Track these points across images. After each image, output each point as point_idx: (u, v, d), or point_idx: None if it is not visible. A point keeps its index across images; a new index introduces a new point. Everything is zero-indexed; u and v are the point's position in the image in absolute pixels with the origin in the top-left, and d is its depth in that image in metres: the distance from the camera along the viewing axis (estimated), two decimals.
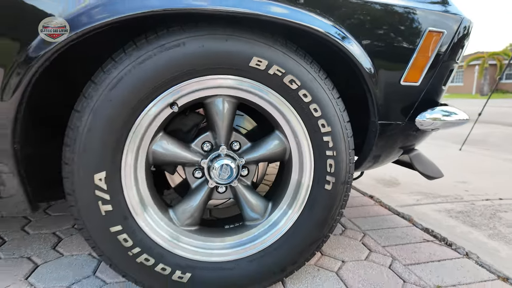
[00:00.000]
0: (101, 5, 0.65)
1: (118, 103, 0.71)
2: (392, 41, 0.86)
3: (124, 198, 0.77)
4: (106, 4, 0.65)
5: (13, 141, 0.70)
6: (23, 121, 0.71)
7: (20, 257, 1.06)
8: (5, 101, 0.66)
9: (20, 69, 0.65)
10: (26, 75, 0.65)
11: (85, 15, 0.65)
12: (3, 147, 0.70)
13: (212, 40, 0.74)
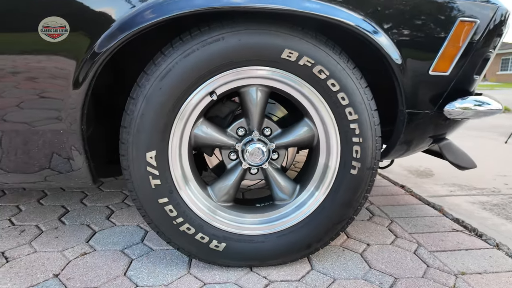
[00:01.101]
0: (157, 4, 0.76)
1: (167, 91, 0.82)
2: (421, 32, 0.88)
3: (170, 174, 0.88)
4: (162, 4, 0.75)
5: (81, 123, 0.84)
6: (88, 105, 0.84)
7: (81, 224, 1.24)
8: (78, 88, 0.79)
9: (90, 61, 0.77)
10: (93, 66, 0.78)
11: (145, 13, 0.76)
12: (74, 128, 0.84)
13: (248, 34, 0.82)
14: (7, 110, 0.83)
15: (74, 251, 1.05)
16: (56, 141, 0.86)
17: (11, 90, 0.81)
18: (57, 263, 0.98)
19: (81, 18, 0.77)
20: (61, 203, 1.42)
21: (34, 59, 0.78)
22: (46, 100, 0.81)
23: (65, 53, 0.77)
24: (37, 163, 0.90)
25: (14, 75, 0.79)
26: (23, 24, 0.77)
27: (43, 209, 1.35)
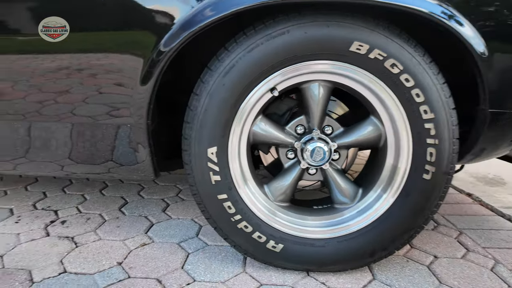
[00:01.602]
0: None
1: (230, 87, 0.81)
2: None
3: (229, 171, 0.88)
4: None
5: (147, 118, 0.86)
6: (153, 101, 0.86)
7: (139, 215, 1.29)
8: (145, 84, 0.81)
9: (156, 59, 0.79)
10: (159, 64, 0.79)
11: (205, 11, 0.76)
12: (141, 123, 0.86)
13: (314, 27, 0.78)
14: (79, 104, 0.88)
15: (134, 241, 1.09)
16: (123, 135, 0.90)
17: (84, 86, 0.85)
18: (119, 251, 1.03)
19: (147, 19, 0.78)
20: (120, 194, 1.49)
21: (106, 56, 0.82)
22: (116, 96, 0.85)
23: (134, 51, 0.80)
24: (104, 156, 0.95)
25: (88, 71, 0.84)
26: (100, 24, 0.81)
27: (105, 199, 1.43)
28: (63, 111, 0.90)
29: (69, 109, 0.89)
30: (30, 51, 0.86)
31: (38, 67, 0.86)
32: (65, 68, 0.85)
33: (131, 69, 0.81)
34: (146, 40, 0.79)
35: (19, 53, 0.87)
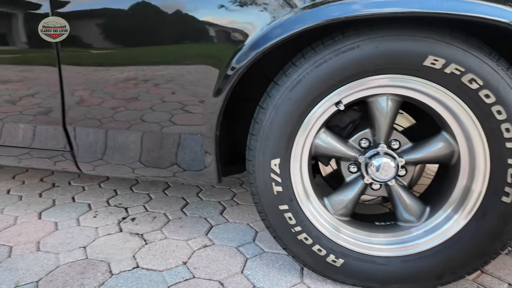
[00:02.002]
0: (305, 13, 0.77)
1: (296, 101, 0.83)
2: None
3: (291, 182, 0.89)
4: (313, 11, 0.76)
5: (217, 128, 0.92)
6: (223, 113, 0.91)
7: (199, 217, 1.37)
8: (218, 96, 0.86)
9: (230, 72, 0.83)
10: (232, 77, 0.84)
11: (276, 30, 0.78)
12: (210, 133, 0.92)
13: (386, 41, 0.77)
14: (155, 113, 0.96)
15: (196, 242, 1.16)
16: (193, 144, 0.96)
17: (162, 96, 0.93)
18: (184, 251, 1.10)
19: (224, 36, 0.83)
20: (181, 194, 1.59)
21: (187, 70, 0.88)
22: (191, 107, 0.91)
23: (210, 66, 0.85)
24: (171, 161, 1.03)
25: (166, 82, 0.91)
26: (181, 39, 0.88)
27: (168, 199, 1.54)
28: (138, 119, 0.99)
29: (145, 118, 0.98)
30: (117, 63, 0.95)
31: (120, 78, 0.95)
32: (144, 79, 0.93)
33: (206, 82, 0.86)
34: (222, 55, 0.84)
35: (112, 65, 0.96)
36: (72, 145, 1.07)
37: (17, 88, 1.07)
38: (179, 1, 0.85)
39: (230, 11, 0.82)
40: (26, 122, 1.10)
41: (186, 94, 0.90)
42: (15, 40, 1.02)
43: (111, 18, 0.92)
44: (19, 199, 1.47)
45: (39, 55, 1.00)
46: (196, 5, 0.84)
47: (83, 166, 1.13)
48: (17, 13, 1.00)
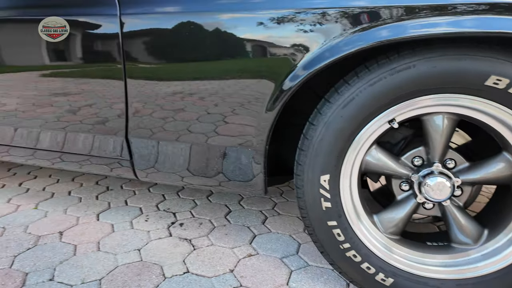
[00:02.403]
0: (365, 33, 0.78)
1: (347, 119, 0.84)
2: None
3: (340, 198, 0.90)
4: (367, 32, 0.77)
5: (267, 143, 0.95)
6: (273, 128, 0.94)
7: (243, 225, 1.40)
8: (270, 111, 0.90)
9: (284, 88, 0.86)
10: (285, 94, 0.86)
11: (328, 52, 0.80)
12: (260, 147, 0.95)
13: (445, 60, 0.75)
14: (208, 125, 1.01)
15: (241, 251, 1.20)
16: (242, 156, 1.00)
17: (216, 109, 0.98)
18: (230, 259, 1.15)
19: (281, 55, 0.87)
20: (224, 202, 1.65)
21: (244, 85, 0.92)
22: (244, 121, 0.95)
23: (266, 81, 0.89)
24: (219, 171, 1.07)
25: (222, 97, 0.95)
26: (240, 55, 0.92)
27: (212, 206, 1.60)
28: (191, 130, 1.05)
29: (197, 129, 1.03)
30: (179, 78, 1.02)
31: (180, 92, 1.02)
32: (201, 94, 0.98)
33: (260, 98, 0.90)
34: (276, 74, 0.87)
35: (174, 80, 1.02)
36: (132, 155, 1.15)
37: (85, 100, 1.17)
38: (242, 23, 0.89)
39: (287, 32, 0.85)
40: (91, 132, 1.21)
41: (240, 109, 0.94)
42: (87, 57, 1.11)
43: (173, 36, 0.98)
44: (79, 200, 1.61)
45: (108, 70, 1.08)
46: (254, 25, 0.88)
47: (140, 173, 1.21)
48: (89, 33, 1.10)
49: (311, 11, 0.81)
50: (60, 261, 1.11)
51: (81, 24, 1.05)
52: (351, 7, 0.79)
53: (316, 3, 0.81)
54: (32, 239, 1.23)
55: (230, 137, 1.00)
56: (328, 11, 0.80)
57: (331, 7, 0.80)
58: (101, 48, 1.08)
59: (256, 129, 0.95)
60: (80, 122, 1.21)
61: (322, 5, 0.81)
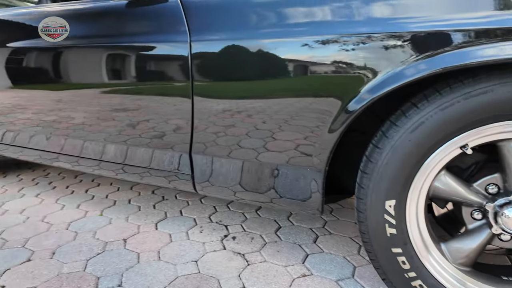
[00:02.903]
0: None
1: (416, 144, 0.82)
2: None
3: (406, 225, 0.87)
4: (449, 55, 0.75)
5: (327, 164, 0.95)
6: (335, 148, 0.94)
7: (294, 243, 1.40)
8: (332, 133, 0.90)
9: (350, 110, 0.86)
10: (350, 116, 0.86)
11: (410, 70, 0.79)
12: (320, 167, 0.96)
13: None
14: (267, 142, 1.04)
15: (295, 270, 1.20)
16: (300, 175, 1.01)
17: (278, 127, 1.00)
18: (284, 277, 1.15)
19: (347, 77, 0.87)
20: (273, 217, 1.66)
21: (304, 104, 0.94)
22: (306, 140, 0.96)
23: (330, 102, 0.89)
24: (272, 188, 1.09)
25: (286, 116, 0.97)
26: (304, 76, 0.94)
27: (262, 220, 1.62)
28: (251, 147, 1.08)
29: (258, 146, 1.06)
30: (244, 96, 1.06)
31: (244, 110, 1.06)
32: (264, 112, 1.01)
33: (323, 118, 0.91)
34: (342, 97, 0.88)
35: (239, 98, 1.05)
36: (194, 170, 1.22)
37: (153, 115, 1.25)
38: (308, 46, 0.92)
39: (354, 56, 0.85)
40: (154, 146, 1.29)
41: (301, 128, 0.96)
42: (157, 76, 1.19)
43: (240, 57, 1.01)
44: (138, 209, 1.71)
45: (177, 88, 1.13)
46: (321, 48, 0.89)
47: (198, 187, 1.27)
48: (161, 55, 1.19)
49: (380, 36, 0.81)
50: (126, 268, 1.19)
51: (155, 48, 1.15)
52: (421, 31, 0.78)
53: (385, 28, 0.81)
54: (101, 245, 1.34)
55: (289, 155, 1.02)
56: (397, 35, 0.80)
57: (400, 31, 0.80)
58: (171, 68, 1.15)
59: (316, 149, 0.95)
60: (144, 137, 1.30)
61: (390, 30, 0.80)
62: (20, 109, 1.59)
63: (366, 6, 0.84)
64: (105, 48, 1.24)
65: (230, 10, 1.04)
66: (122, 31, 1.24)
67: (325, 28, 0.88)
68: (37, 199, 1.81)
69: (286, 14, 0.95)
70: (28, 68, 1.55)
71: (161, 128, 1.24)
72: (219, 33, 1.03)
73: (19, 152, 1.73)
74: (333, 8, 0.88)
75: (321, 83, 0.91)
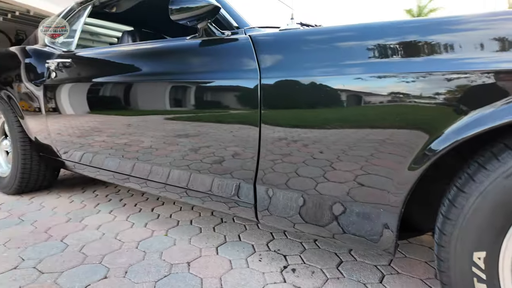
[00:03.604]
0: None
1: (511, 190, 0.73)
2: None
3: (499, 281, 0.77)
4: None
5: (403, 204, 0.89)
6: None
7: (358, 281, 1.32)
8: (413, 171, 0.85)
9: (433, 149, 0.81)
10: (436, 153, 0.81)
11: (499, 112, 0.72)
12: (396, 206, 0.90)
13: None
14: (336, 174, 1.01)
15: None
16: (372, 213, 0.96)
17: (347, 159, 0.97)
18: None
19: (429, 118, 0.83)
20: (333, 249, 1.59)
21: (381, 137, 0.90)
22: (380, 175, 0.92)
23: (412, 136, 0.85)
24: (335, 222, 1.04)
25: (358, 149, 0.95)
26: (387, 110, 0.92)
27: (321, 252, 1.56)
28: (318, 180, 1.06)
29: (325, 179, 1.04)
30: (315, 126, 1.06)
31: (313, 141, 1.05)
32: (329, 142, 1.00)
33: (404, 153, 0.86)
34: (429, 132, 0.83)
35: (309, 127, 1.06)
36: (257, 200, 1.23)
37: (219, 143, 1.31)
38: (389, 81, 0.90)
39: (443, 93, 0.81)
40: (220, 174, 1.34)
41: (379, 161, 0.92)
42: (226, 104, 1.25)
43: (313, 89, 1.02)
44: (200, 231, 1.77)
45: (245, 116, 1.17)
46: (406, 84, 0.86)
47: (260, 216, 1.28)
48: (233, 87, 1.25)
49: (471, 73, 0.76)
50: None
51: (229, 82, 1.21)
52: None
53: (476, 66, 0.76)
54: (167, 267, 1.40)
55: (361, 190, 0.98)
56: (489, 73, 0.74)
57: (493, 69, 0.73)
58: (240, 99, 1.20)
59: (393, 186, 0.90)
60: (206, 162, 1.35)
61: (481, 67, 0.75)
62: (97, 132, 1.78)
63: (459, 42, 0.80)
64: (177, 82, 1.35)
65: (300, 47, 1.06)
66: (194, 67, 1.34)
67: (412, 65, 0.85)
68: (110, 216, 1.98)
69: (375, 50, 0.94)
70: (106, 97, 1.73)
71: (225, 155, 1.28)
72: (288, 70, 1.05)
73: (96, 172, 1.92)
74: (422, 45, 0.86)
75: (406, 117, 0.87)
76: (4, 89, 2.26)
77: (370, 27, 0.98)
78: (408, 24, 0.93)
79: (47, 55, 2.10)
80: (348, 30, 1.03)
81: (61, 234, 1.70)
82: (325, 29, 1.17)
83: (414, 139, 0.84)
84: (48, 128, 2.04)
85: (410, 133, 0.85)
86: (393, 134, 0.88)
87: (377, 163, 0.92)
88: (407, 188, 0.87)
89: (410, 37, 0.89)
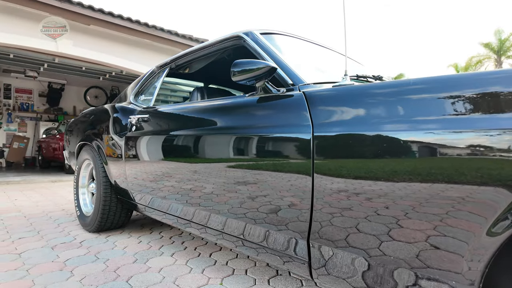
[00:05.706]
0: None
1: None
2: None
3: None
4: None
5: (482, 276, 0.77)
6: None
7: None
8: (492, 237, 0.75)
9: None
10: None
11: None
12: (472, 277, 0.78)
13: None
14: (398, 233, 0.92)
15: None
16: (440, 280, 0.85)
17: (413, 216, 0.89)
18: None
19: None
20: None
21: (455, 195, 0.82)
22: (453, 237, 0.82)
23: (493, 196, 0.76)
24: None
25: (427, 207, 0.88)
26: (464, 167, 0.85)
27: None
28: (380, 237, 0.98)
29: (388, 238, 0.96)
30: (374, 178, 1.02)
31: (373, 195, 1.00)
32: (392, 196, 0.93)
33: (483, 214, 0.77)
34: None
35: (369, 179, 1.05)
36: (311, 257, 1.18)
37: (276, 192, 1.31)
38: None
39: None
40: (274, 224, 1.33)
41: (451, 221, 0.82)
42: (281, 155, 1.28)
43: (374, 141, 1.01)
44: (254, 282, 1.74)
45: (298, 165, 1.18)
46: (492, 140, 0.79)
47: (315, 274, 1.21)
48: (288, 138, 1.28)
49: None
50: None
51: (284, 135, 1.25)
52: None
53: None
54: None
55: (428, 254, 0.88)
56: None
57: None
58: (294, 149, 1.22)
59: (469, 252, 0.79)
60: (266, 214, 1.36)
61: None
62: (167, 177, 1.94)
63: None
64: (238, 135, 1.44)
65: (352, 102, 1.06)
66: (252, 121, 1.43)
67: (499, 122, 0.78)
68: (172, 259, 2.07)
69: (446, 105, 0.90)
70: (176, 146, 1.91)
71: (280, 204, 1.27)
72: (343, 124, 1.05)
73: (162, 216, 2.06)
74: (485, 102, 0.80)
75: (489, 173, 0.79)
76: (95, 140, 2.66)
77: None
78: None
79: (130, 111, 2.45)
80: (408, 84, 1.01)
81: (127, 274, 1.82)
82: (374, 85, 1.15)
83: (496, 198, 0.74)
84: (126, 173, 2.31)
85: (492, 191, 0.75)
86: (472, 192, 0.79)
87: (449, 222, 0.82)
88: (486, 257, 0.76)
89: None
